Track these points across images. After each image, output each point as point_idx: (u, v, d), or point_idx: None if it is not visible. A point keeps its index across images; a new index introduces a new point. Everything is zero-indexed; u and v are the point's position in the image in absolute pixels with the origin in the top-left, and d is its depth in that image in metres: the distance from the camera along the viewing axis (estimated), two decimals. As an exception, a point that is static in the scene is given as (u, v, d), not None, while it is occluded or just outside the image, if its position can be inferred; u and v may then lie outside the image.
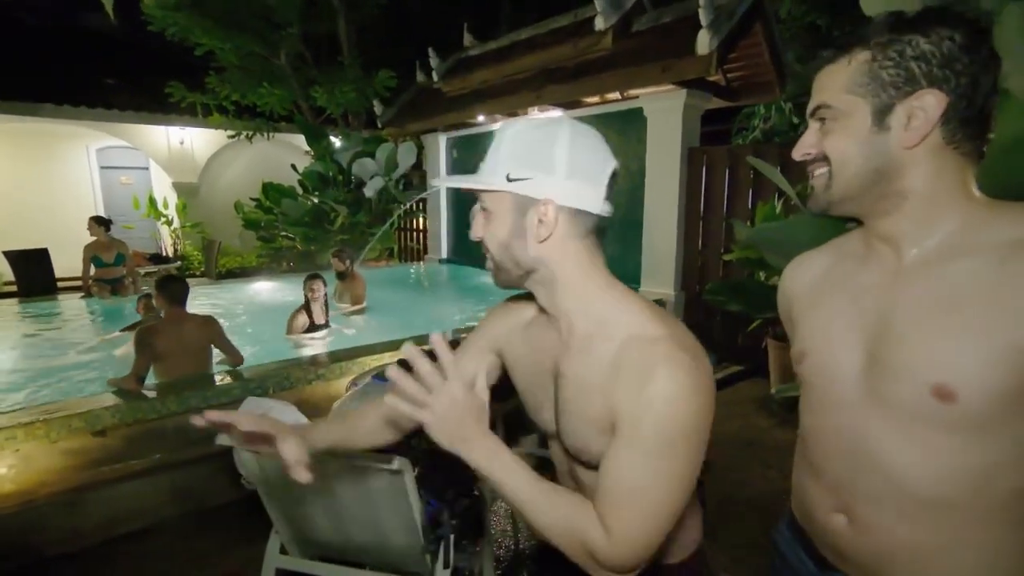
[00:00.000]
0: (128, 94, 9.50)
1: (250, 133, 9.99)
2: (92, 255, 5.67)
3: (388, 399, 0.77)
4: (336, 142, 9.01)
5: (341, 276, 5.49)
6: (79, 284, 5.97)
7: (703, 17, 4.02)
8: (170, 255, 10.08)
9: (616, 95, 5.13)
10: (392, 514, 1.40)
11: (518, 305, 0.99)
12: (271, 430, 0.90)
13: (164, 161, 10.31)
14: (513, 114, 6.09)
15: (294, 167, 9.03)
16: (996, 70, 0.70)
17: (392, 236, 9.18)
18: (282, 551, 1.66)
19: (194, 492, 2.61)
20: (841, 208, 0.79)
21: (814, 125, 0.79)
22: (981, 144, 0.73)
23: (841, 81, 0.75)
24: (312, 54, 9.57)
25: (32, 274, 6.80)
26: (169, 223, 10.23)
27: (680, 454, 0.73)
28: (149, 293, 4.80)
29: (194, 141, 10.47)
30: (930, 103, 0.69)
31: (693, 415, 0.73)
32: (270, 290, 7.07)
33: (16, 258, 6.87)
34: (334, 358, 3.41)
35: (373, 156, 8.13)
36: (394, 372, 0.76)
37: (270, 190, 8.75)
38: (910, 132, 0.71)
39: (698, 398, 0.73)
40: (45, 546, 2.25)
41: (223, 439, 1.44)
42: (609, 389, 0.76)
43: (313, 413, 1.64)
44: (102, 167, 10.41)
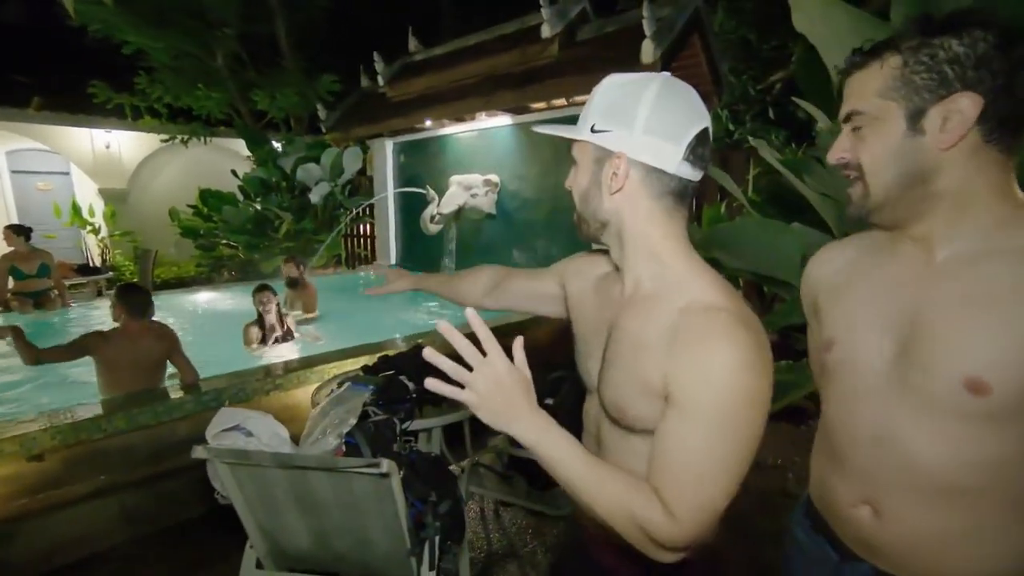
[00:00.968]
0: (43, 93, 8.84)
1: (185, 137, 9.53)
2: (10, 267, 5.23)
3: (428, 383, 0.73)
4: (279, 147, 8.75)
5: (292, 284, 5.34)
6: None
7: (647, 28, 4.17)
8: (98, 265, 9.44)
9: (563, 101, 5.21)
10: (376, 518, 1.39)
11: (598, 257, 1.00)
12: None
13: (88, 166, 9.65)
14: (460, 119, 6.10)
15: (234, 172, 8.70)
16: None
17: (339, 242, 8.97)
18: (258, 565, 1.61)
19: (146, 514, 2.48)
20: (879, 215, 0.78)
21: (846, 130, 0.78)
22: (1020, 139, 0.72)
23: (873, 86, 0.74)
24: (251, 56, 9.24)
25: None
26: (96, 231, 9.58)
27: (740, 428, 0.72)
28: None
29: (122, 145, 9.86)
30: (966, 105, 0.69)
31: (752, 389, 0.72)
32: (213, 300, 6.76)
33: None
34: (289, 367, 3.31)
35: (318, 161, 7.94)
36: (430, 352, 0.73)
37: (209, 197, 8.38)
38: (946, 134, 0.70)
39: (757, 373, 0.72)
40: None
41: (198, 451, 1.39)
42: (664, 353, 0.75)
43: (285, 422, 1.61)
44: (13, 171, 9.58)
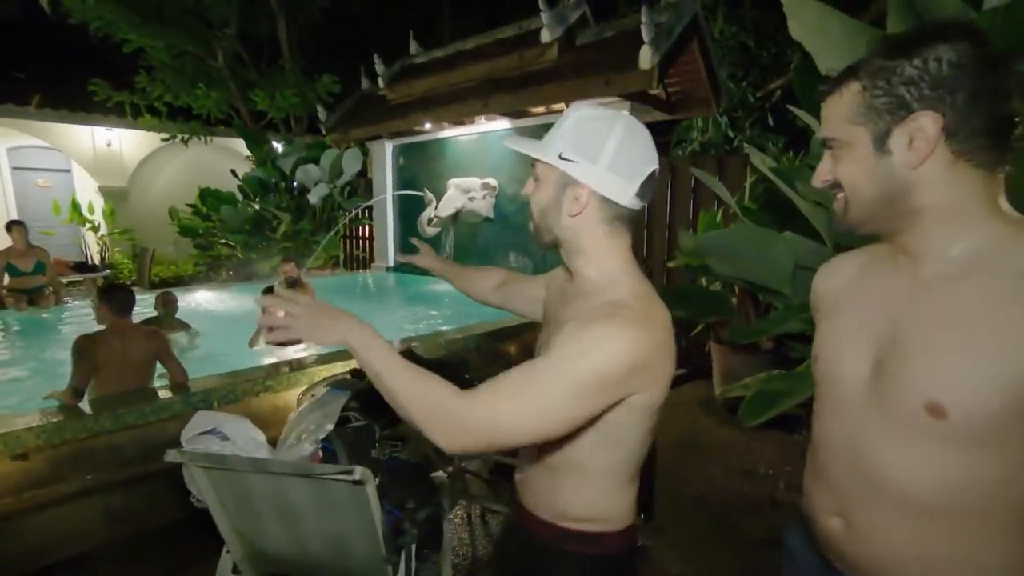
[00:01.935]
0: (44, 90, 8.84)
1: (185, 136, 9.53)
2: (6, 263, 5.23)
3: (264, 338, 0.89)
4: (278, 147, 8.75)
5: (290, 285, 5.33)
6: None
7: (645, 33, 4.17)
8: (97, 263, 9.44)
9: (562, 106, 5.20)
10: (353, 525, 1.37)
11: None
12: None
13: (89, 164, 9.66)
14: (459, 123, 6.10)
15: (234, 172, 8.70)
16: (1003, 76, 0.69)
17: (338, 244, 8.97)
18: (234, 570, 1.59)
19: (132, 514, 2.46)
20: (862, 229, 0.81)
21: (826, 154, 0.82)
22: (1005, 152, 0.71)
23: (840, 112, 0.77)
24: (251, 56, 9.25)
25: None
26: (95, 229, 9.58)
27: (569, 385, 0.80)
28: (168, 291, 4.54)
29: (123, 143, 9.87)
30: (926, 124, 0.70)
31: (607, 368, 0.81)
32: (210, 300, 6.75)
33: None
34: (280, 369, 3.30)
35: (317, 162, 7.94)
36: (263, 299, 0.89)
37: (208, 196, 8.39)
38: (913, 153, 0.72)
39: (617, 359, 0.81)
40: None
41: (171, 455, 1.38)
42: (576, 327, 0.86)
43: (263, 426, 1.59)
44: (14, 168, 9.60)
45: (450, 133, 6.48)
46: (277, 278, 5.47)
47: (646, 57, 4.15)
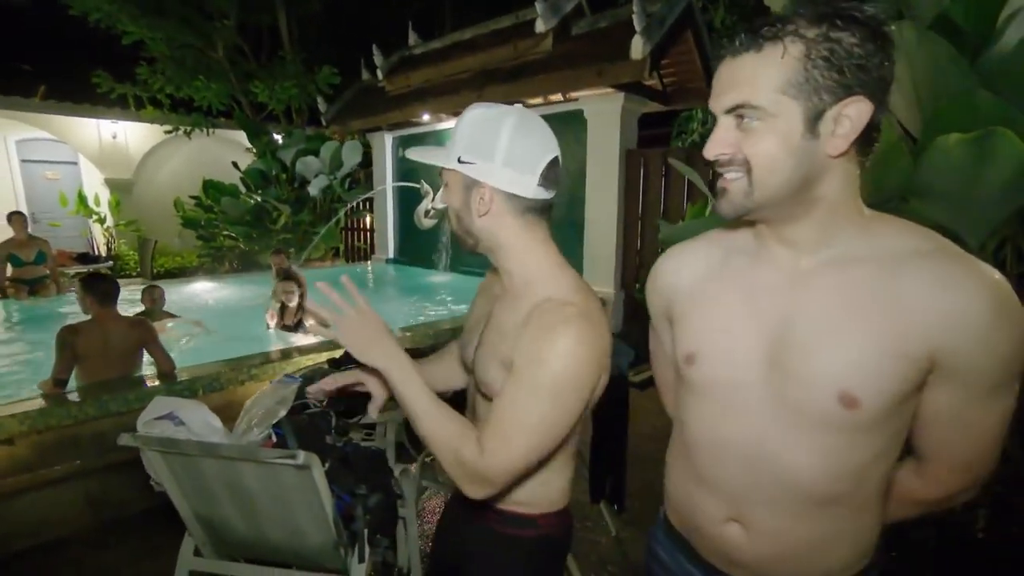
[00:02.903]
0: (49, 81, 8.91)
1: (188, 128, 9.60)
2: (8, 253, 5.33)
3: (310, 327, 0.89)
4: (279, 139, 8.78)
5: (282, 276, 5.38)
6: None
7: (636, 23, 4.14)
8: (102, 254, 9.55)
9: (558, 97, 5.21)
10: (303, 510, 1.39)
11: None
12: (356, 379, 1.10)
13: (95, 156, 9.77)
14: (457, 113, 6.08)
15: (235, 164, 8.75)
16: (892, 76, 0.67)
17: (338, 235, 9.01)
18: (196, 553, 1.62)
19: (111, 500, 2.51)
20: (758, 214, 0.74)
21: (729, 122, 0.71)
22: (872, 147, 0.71)
23: (772, 78, 0.66)
24: (251, 48, 9.27)
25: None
26: (101, 221, 9.70)
27: (557, 403, 0.83)
28: (153, 285, 4.66)
29: (128, 136, 9.96)
30: (862, 111, 0.66)
31: (578, 375, 0.83)
32: (212, 290, 6.84)
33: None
34: (267, 359, 3.34)
35: (317, 154, 7.97)
36: (311, 304, 0.98)
37: (211, 188, 8.46)
38: (838, 139, 0.67)
39: (583, 362, 0.83)
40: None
41: (124, 439, 1.40)
42: (518, 335, 0.87)
43: (237, 413, 1.61)
44: (23, 160, 9.74)
45: (448, 124, 6.48)
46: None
47: (637, 47, 4.12)
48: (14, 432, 2.41)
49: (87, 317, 2.96)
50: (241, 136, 9.52)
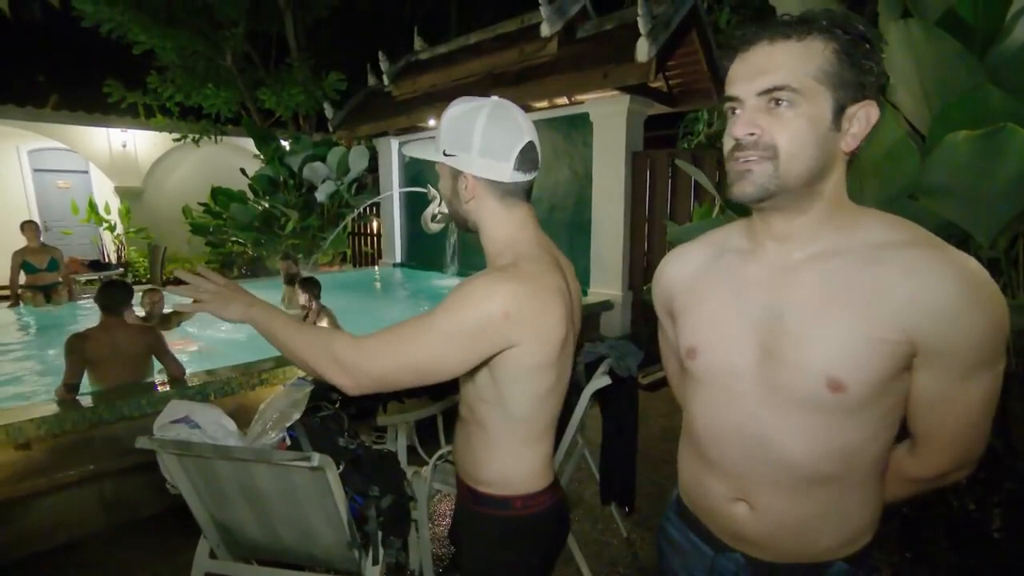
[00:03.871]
0: (62, 92, 9.05)
1: (196, 136, 9.70)
2: (22, 261, 5.42)
3: (177, 305, 1.07)
4: (286, 145, 8.85)
5: (290, 281, 5.42)
6: (7, 293, 5.68)
7: (642, 26, 4.15)
8: (112, 261, 9.66)
9: (564, 100, 5.21)
10: (317, 512, 1.41)
11: None
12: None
13: (105, 165, 9.89)
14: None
15: (243, 171, 8.82)
16: None
17: (345, 240, 9.06)
18: (212, 556, 1.64)
19: (126, 502, 2.54)
20: (775, 200, 0.75)
21: (761, 104, 0.72)
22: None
23: (809, 63, 0.70)
24: (259, 55, 9.37)
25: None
26: (112, 228, 9.81)
27: (444, 339, 0.89)
28: (153, 289, 4.64)
29: (137, 144, 10.09)
30: (873, 114, 0.72)
31: (474, 320, 0.88)
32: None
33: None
34: (278, 363, 3.36)
35: (324, 160, 8.03)
36: (180, 272, 1.10)
37: (219, 194, 8.54)
38: (850, 138, 0.73)
39: (488, 313, 0.88)
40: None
41: (141, 442, 1.42)
42: None
43: (247, 418, 1.63)
44: (35, 170, 9.88)
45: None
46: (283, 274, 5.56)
47: (643, 49, 4.13)
48: (31, 436, 2.45)
49: (97, 323, 3.00)
50: (249, 143, 9.60)
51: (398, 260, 8.01)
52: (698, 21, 4.64)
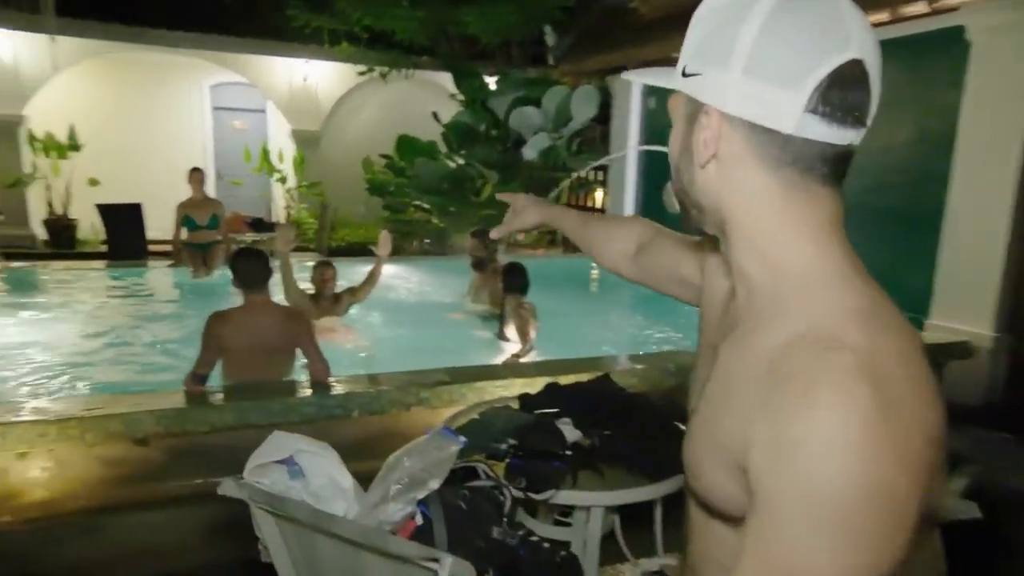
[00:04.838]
0: (244, 17, 10.65)
1: (385, 69, 10.69)
2: (184, 216, 6.53)
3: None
4: (491, 83, 9.27)
5: (478, 266, 5.58)
6: (170, 249, 6.88)
7: None
8: (280, 220, 11.19)
9: (922, 6, 4.78)
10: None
11: None
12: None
13: (284, 103, 11.59)
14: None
15: (435, 116, 9.47)
16: None
17: (557, 214, 9.21)
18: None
19: (240, 535, 2.74)
20: None
21: None
22: None
23: None
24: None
25: (122, 233, 8.02)
26: (283, 180, 11.40)
27: (850, 536, 0.63)
28: (326, 262, 5.25)
29: (320, 79, 11.59)
30: None
31: (866, 480, 0.62)
32: (393, 276, 7.37)
33: (108, 214, 8.15)
34: (453, 377, 3.37)
35: (538, 104, 8.25)
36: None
37: (405, 145, 9.30)
38: None
39: (871, 456, 0.62)
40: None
41: (226, 487, 1.43)
42: (749, 409, 0.72)
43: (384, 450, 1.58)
44: (215, 108, 11.98)
45: None
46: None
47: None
48: (149, 432, 2.78)
49: (241, 303, 3.31)
50: (445, 80, 10.34)
51: (624, 247, 7.90)
52: None
